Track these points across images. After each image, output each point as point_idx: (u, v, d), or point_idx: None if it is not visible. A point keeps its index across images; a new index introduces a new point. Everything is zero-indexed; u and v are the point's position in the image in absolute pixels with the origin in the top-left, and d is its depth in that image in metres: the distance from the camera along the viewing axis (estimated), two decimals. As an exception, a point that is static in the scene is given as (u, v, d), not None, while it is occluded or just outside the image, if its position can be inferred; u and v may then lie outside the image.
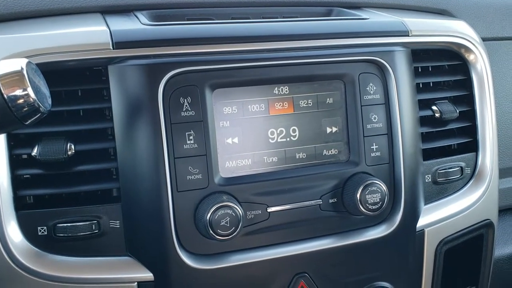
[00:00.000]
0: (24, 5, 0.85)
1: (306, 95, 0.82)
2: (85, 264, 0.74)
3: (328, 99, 0.83)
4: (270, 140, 0.80)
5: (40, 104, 0.57)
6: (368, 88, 0.84)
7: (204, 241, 0.76)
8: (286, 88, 0.81)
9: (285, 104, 0.81)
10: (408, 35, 0.89)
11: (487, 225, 0.98)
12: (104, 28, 0.76)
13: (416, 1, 1.07)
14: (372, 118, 0.84)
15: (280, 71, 0.80)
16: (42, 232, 0.73)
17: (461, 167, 0.96)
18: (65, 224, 0.73)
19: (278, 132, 0.81)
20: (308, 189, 0.81)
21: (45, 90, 0.60)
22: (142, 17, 0.83)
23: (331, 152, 0.83)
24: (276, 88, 0.80)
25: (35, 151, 0.72)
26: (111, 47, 0.73)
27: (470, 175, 0.97)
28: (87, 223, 0.74)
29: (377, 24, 0.89)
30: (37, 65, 0.72)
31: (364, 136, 0.84)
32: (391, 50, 0.85)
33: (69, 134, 0.75)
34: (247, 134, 0.79)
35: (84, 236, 0.74)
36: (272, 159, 0.81)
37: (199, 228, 0.75)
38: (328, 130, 0.83)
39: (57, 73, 0.74)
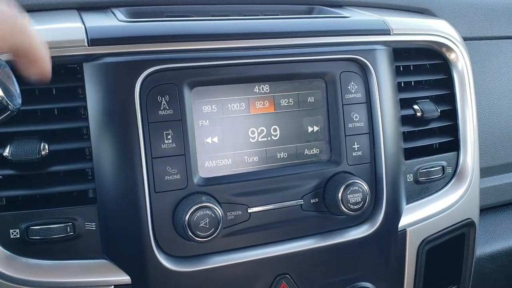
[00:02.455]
0: None
1: (287, 93, 0.81)
2: (60, 267, 0.72)
3: (309, 98, 0.82)
4: (251, 140, 0.79)
5: (9, 102, 0.54)
6: (349, 87, 0.83)
7: (183, 243, 0.74)
8: (266, 86, 0.80)
9: (266, 102, 0.80)
10: (389, 34, 0.88)
11: (469, 224, 0.98)
12: (79, 24, 0.74)
13: (397, 0, 1.07)
14: (354, 117, 0.83)
15: (260, 69, 0.78)
16: (15, 235, 0.71)
17: (443, 166, 0.95)
18: (38, 227, 0.71)
19: (259, 131, 0.79)
20: (289, 189, 0.80)
21: (15, 87, 0.58)
22: (119, 13, 0.81)
23: (313, 151, 0.82)
24: (256, 87, 0.79)
25: (6, 151, 0.70)
26: (86, 44, 0.71)
27: (452, 174, 0.97)
28: (62, 225, 0.72)
29: (359, 22, 0.89)
30: (11, 61, 0.70)
31: (345, 136, 0.83)
32: (373, 48, 0.85)
33: (42, 133, 0.72)
34: (227, 134, 0.78)
35: (58, 239, 0.72)
36: (253, 158, 0.79)
37: (178, 229, 0.73)
38: (310, 129, 0.82)
39: (30, 71, 0.72)
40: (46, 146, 0.71)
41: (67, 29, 0.74)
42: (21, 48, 0.53)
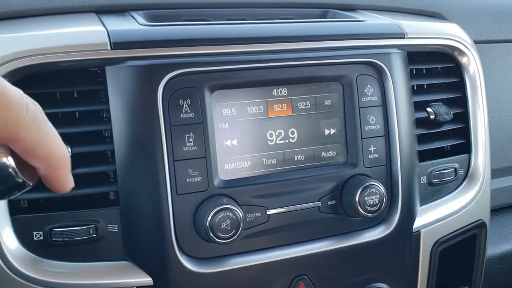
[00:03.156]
0: (16, 4, 0.83)
1: (304, 96, 0.82)
2: (82, 269, 0.73)
3: (326, 100, 0.83)
4: (269, 142, 0.80)
5: (25, 179, 0.46)
6: (365, 90, 0.84)
7: (203, 244, 0.75)
8: (284, 89, 0.80)
9: (284, 105, 0.81)
10: (404, 37, 0.89)
11: (480, 226, 0.99)
12: (101, 28, 0.75)
13: (409, 4, 1.08)
14: (370, 120, 0.84)
15: (278, 73, 0.79)
16: (38, 237, 0.71)
17: (455, 168, 0.97)
18: (61, 229, 0.72)
19: (276, 134, 0.80)
20: (307, 191, 0.81)
21: None
22: (139, 17, 0.82)
23: (330, 154, 0.83)
24: (274, 90, 0.80)
25: (30, 154, 0.70)
26: (109, 48, 0.72)
27: (464, 176, 0.98)
28: (84, 227, 0.72)
29: (374, 26, 0.90)
30: (32, 66, 0.71)
31: (362, 138, 0.84)
32: (388, 52, 0.86)
33: (64, 136, 0.71)
34: (246, 136, 0.78)
35: (81, 241, 0.72)
36: (271, 161, 0.80)
37: (199, 231, 0.74)
38: (327, 132, 0.83)
39: (52, 74, 0.73)
40: (69, 149, 0.72)
41: (90, 33, 0.74)
42: (27, 146, 0.44)
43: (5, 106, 0.42)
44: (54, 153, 0.47)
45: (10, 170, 0.44)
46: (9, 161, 0.44)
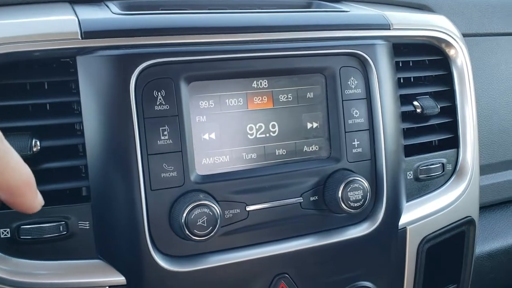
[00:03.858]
0: (-13, -7, 0.80)
1: (286, 89, 0.79)
2: (52, 268, 0.70)
3: (308, 93, 0.80)
4: (249, 136, 0.77)
5: None
6: (349, 82, 0.81)
7: (179, 242, 0.72)
8: (265, 81, 0.78)
9: (264, 98, 0.78)
10: (389, 29, 0.87)
11: (469, 222, 0.96)
12: (73, 17, 0.72)
13: (396, -4, 1.06)
14: (354, 113, 0.82)
15: (259, 64, 0.76)
16: (5, 235, 0.68)
17: (443, 164, 0.94)
18: (30, 226, 0.69)
19: (257, 127, 0.78)
20: (288, 187, 0.78)
21: None
22: (113, 6, 0.79)
23: (312, 148, 0.81)
24: (254, 82, 0.77)
25: (-3, 148, 0.67)
26: (79, 37, 0.69)
27: (452, 171, 0.96)
28: (54, 224, 0.69)
29: (358, 17, 0.87)
30: (1, 55, 0.68)
31: (345, 132, 0.81)
32: (373, 43, 0.83)
33: (34, 129, 0.70)
34: (225, 130, 0.76)
35: (51, 238, 0.69)
36: (251, 155, 0.77)
37: (175, 228, 0.71)
38: (309, 125, 0.80)
39: (21, 64, 0.70)
40: (38, 143, 0.69)
41: (60, 22, 0.71)
42: None
43: None
44: (15, 181, 0.45)
45: None
46: None
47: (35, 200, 0.49)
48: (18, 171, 0.46)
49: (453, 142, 0.96)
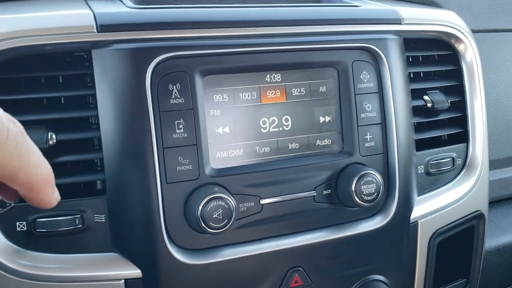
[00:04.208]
0: (0, -12, 0.80)
1: (298, 83, 0.79)
2: (68, 261, 0.70)
3: (321, 87, 0.80)
4: (262, 130, 0.77)
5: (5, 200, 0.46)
6: (361, 76, 0.82)
7: (195, 235, 0.72)
8: (278, 75, 0.78)
9: (277, 92, 0.78)
10: (400, 23, 0.87)
11: (478, 217, 0.97)
12: (88, 11, 0.72)
13: (405, -9, 1.06)
14: (366, 107, 0.82)
15: (272, 58, 0.77)
16: (21, 228, 0.68)
17: (453, 158, 0.94)
18: (46, 219, 0.69)
19: (270, 121, 0.78)
20: (301, 180, 0.78)
21: None
22: (127, 0, 0.79)
23: (325, 142, 0.81)
24: (268, 76, 0.77)
25: (13, 141, 0.67)
26: (95, 30, 0.69)
27: (461, 166, 0.96)
28: (70, 217, 0.69)
29: (370, 11, 0.87)
30: (16, 48, 0.68)
31: (358, 126, 0.81)
32: (384, 38, 0.83)
33: (50, 122, 0.70)
34: (239, 124, 0.76)
35: (66, 232, 0.69)
36: (264, 149, 0.78)
37: (190, 221, 0.71)
38: (322, 119, 0.81)
39: (37, 58, 0.70)
40: (54, 136, 0.69)
41: (76, 15, 0.71)
42: (7, 173, 0.42)
43: None
44: (36, 177, 0.45)
45: None
46: None
47: (53, 196, 0.49)
48: (39, 167, 0.46)
49: (463, 137, 0.96)
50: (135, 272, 0.71)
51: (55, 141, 0.69)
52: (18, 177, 0.43)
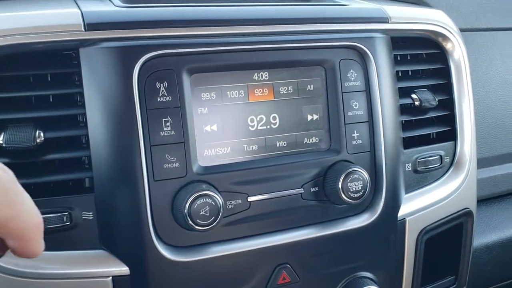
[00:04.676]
0: (-12, -13, 0.81)
1: (286, 81, 0.80)
2: (56, 258, 0.70)
3: (308, 85, 0.81)
4: (250, 128, 0.78)
5: None
6: (349, 75, 0.82)
7: (182, 232, 0.73)
8: (266, 74, 0.78)
9: (265, 90, 0.79)
10: (387, 22, 0.88)
11: (467, 214, 0.97)
12: (76, 9, 0.73)
13: (393, -9, 1.07)
14: (353, 106, 0.83)
15: (260, 56, 0.77)
16: (9, 225, 0.69)
17: (441, 156, 0.95)
18: (34, 217, 0.69)
19: (258, 119, 0.78)
20: (289, 178, 0.79)
21: None
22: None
23: (312, 140, 0.82)
24: (255, 74, 0.78)
25: (1, 139, 0.68)
26: (82, 29, 0.70)
27: (449, 163, 0.97)
28: (58, 214, 0.70)
29: (358, 10, 0.88)
30: (4, 47, 0.68)
31: (345, 124, 0.82)
32: (372, 36, 0.84)
33: (37, 120, 0.70)
34: (226, 121, 0.76)
35: (55, 229, 0.70)
36: (252, 147, 0.78)
37: (177, 218, 0.72)
38: (309, 117, 0.81)
39: (25, 56, 0.70)
40: (42, 134, 0.69)
41: (63, 14, 0.72)
42: None
43: None
44: (28, 226, 0.43)
45: None
46: None
47: (41, 244, 0.46)
48: (31, 215, 0.44)
49: (451, 135, 0.97)
50: (123, 269, 0.72)
51: (43, 138, 0.69)
52: (8, 225, 0.42)
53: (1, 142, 0.68)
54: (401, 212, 0.88)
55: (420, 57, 0.97)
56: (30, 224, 0.44)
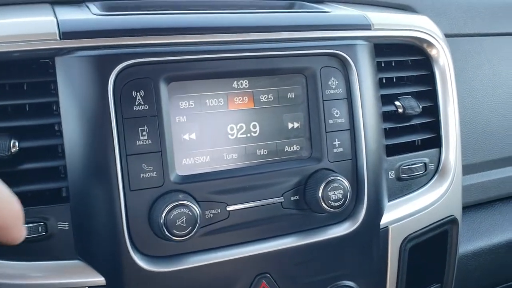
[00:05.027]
0: (-33, -6, 0.80)
1: (266, 89, 0.79)
2: (31, 268, 0.70)
3: (289, 93, 0.80)
4: (230, 136, 0.77)
5: None
6: (330, 83, 0.82)
7: (159, 242, 0.72)
8: (246, 82, 0.78)
9: (245, 98, 0.78)
10: (370, 29, 0.87)
11: (451, 221, 0.97)
12: (52, 18, 0.72)
13: (378, -4, 1.07)
14: (334, 113, 0.82)
15: (239, 64, 0.77)
16: (-17, 236, 0.68)
17: (425, 163, 0.94)
18: (9, 227, 0.68)
19: (238, 127, 0.78)
20: (269, 187, 0.78)
21: None
22: (94, 7, 0.79)
23: (293, 148, 0.81)
24: (235, 82, 0.77)
25: (-26, 148, 0.67)
26: (58, 38, 0.69)
27: (434, 171, 0.96)
28: (33, 225, 0.69)
29: (339, 17, 0.88)
30: None
31: (326, 132, 0.82)
32: (353, 43, 0.84)
33: (13, 130, 0.70)
34: (205, 130, 0.76)
35: (30, 239, 0.69)
36: (232, 155, 0.78)
37: (154, 228, 0.71)
38: (290, 125, 0.81)
39: (1, 65, 0.69)
40: (17, 143, 0.69)
41: (39, 22, 0.71)
42: None
43: None
44: (9, 213, 0.44)
45: None
46: None
47: (22, 231, 0.47)
48: (11, 203, 0.45)
49: (436, 142, 0.96)
50: (99, 279, 0.71)
51: (17, 148, 0.69)
52: None
53: (-25, 151, 0.67)
54: (384, 220, 0.87)
55: (404, 63, 0.96)
56: (11, 212, 0.45)
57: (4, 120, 0.70)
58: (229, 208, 0.76)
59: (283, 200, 0.79)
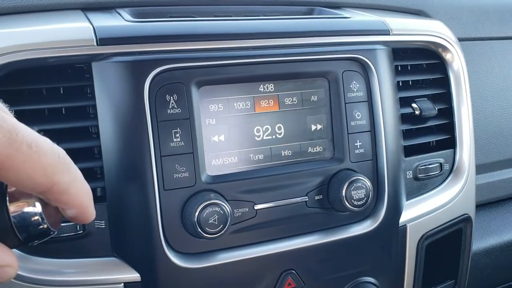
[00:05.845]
0: (1, 2, 0.83)
1: (291, 92, 0.82)
2: (70, 266, 0.73)
3: (312, 96, 0.83)
4: (256, 138, 0.80)
5: (50, 227, 0.46)
6: (351, 86, 0.85)
7: (191, 239, 0.75)
8: (271, 85, 0.81)
9: (271, 101, 0.81)
10: (389, 34, 0.90)
11: (466, 220, 1.00)
12: (87, 24, 0.75)
13: (393, 2, 1.10)
14: (356, 116, 0.85)
15: (265, 69, 0.80)
16: (24, 234, 0.71)
17: (440, 163, 0.98)
18: (48, 225, 0.71)
19: (263, 129, 0.81)
20: (294, 186, 0.81)
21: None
22: (125, 14, 0.82)
23: (316, 149, 0.84)
24: (261, 86, 0.80)
25: (16, 151, 0.70)
26: (95, 44, 0.72)
27: (449, 171, 1.00)
28: (71, 223, 0.72)
29: (359, 23, 0.91)
30: (18, 62, 0.70)
31: (348, 133, 0.85)
32: (373, 48, 0.87)
33: (51, 132, 0.71)
34: (233, 132, 0.79)
35: (68, 237, 0.72)
36: (258, 156, 0.81)
37: (187, 226, 0.74)
38: (313, 127, 0.84)
39: (38, 70, 0.72)
40: (55, 145, 0.71)
41: (76, 29, 0.74)
42: (61, 190, 0.43)
43: (42, 152, 0.42)
44: (83, 191, 0.46)
45: (37, 217, 0.44)
46: (37, 208, 0.44)
47: (94, 210, 0.50)
48: (85, 184, 0.47)
49: (450, 143, 1.00)
50: (134, 276, 0.74)
51: (56, 150, 0.71)
52: (70, 191, 0.44)
53: (17, 153, 0.70)
54: (402, 219, 0.91)
55: (420, 67, 0.99)
56: (88, 192, 0.47)
57: (42, 123, 0.73)
58: (257, 207, 0.79)
59: (307, 199, 0.82)
